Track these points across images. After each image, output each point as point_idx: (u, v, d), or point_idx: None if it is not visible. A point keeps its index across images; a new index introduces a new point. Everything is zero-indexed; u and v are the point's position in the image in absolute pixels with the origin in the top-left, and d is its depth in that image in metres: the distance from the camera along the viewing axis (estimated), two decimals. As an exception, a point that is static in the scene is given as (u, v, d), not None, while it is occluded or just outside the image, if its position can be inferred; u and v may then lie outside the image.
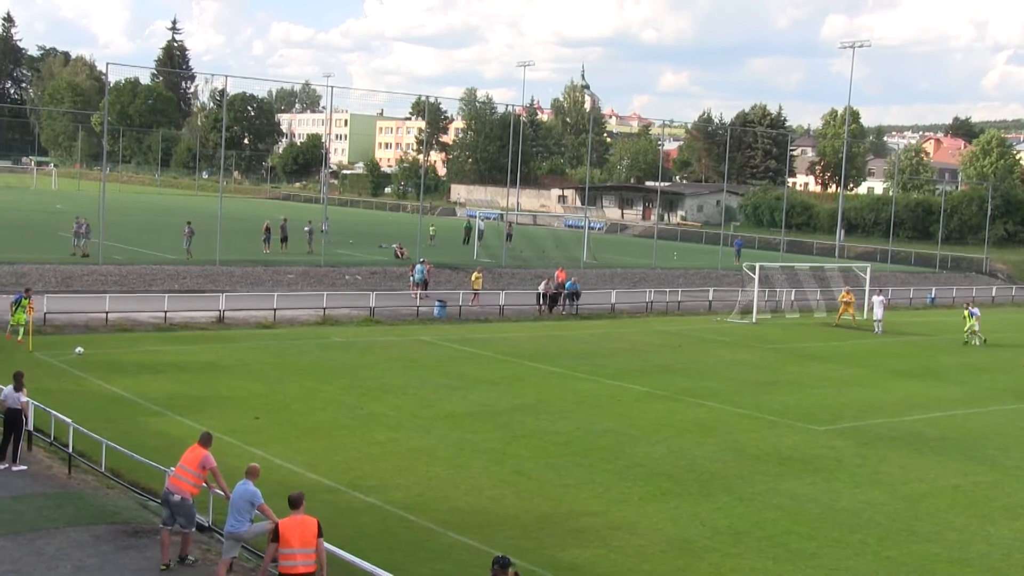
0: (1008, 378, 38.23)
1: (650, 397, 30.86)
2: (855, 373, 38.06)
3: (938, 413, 31.10)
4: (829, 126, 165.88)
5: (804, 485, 22.14)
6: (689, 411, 29.23)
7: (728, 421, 28.20)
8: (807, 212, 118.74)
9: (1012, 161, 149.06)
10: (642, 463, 23.22)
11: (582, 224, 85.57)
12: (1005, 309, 67.36)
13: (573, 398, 30.19)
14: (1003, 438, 28.27)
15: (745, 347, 43.02)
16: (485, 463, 22.46)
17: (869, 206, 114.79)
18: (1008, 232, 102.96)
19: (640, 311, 52.73)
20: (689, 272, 68.80)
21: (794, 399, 31.89)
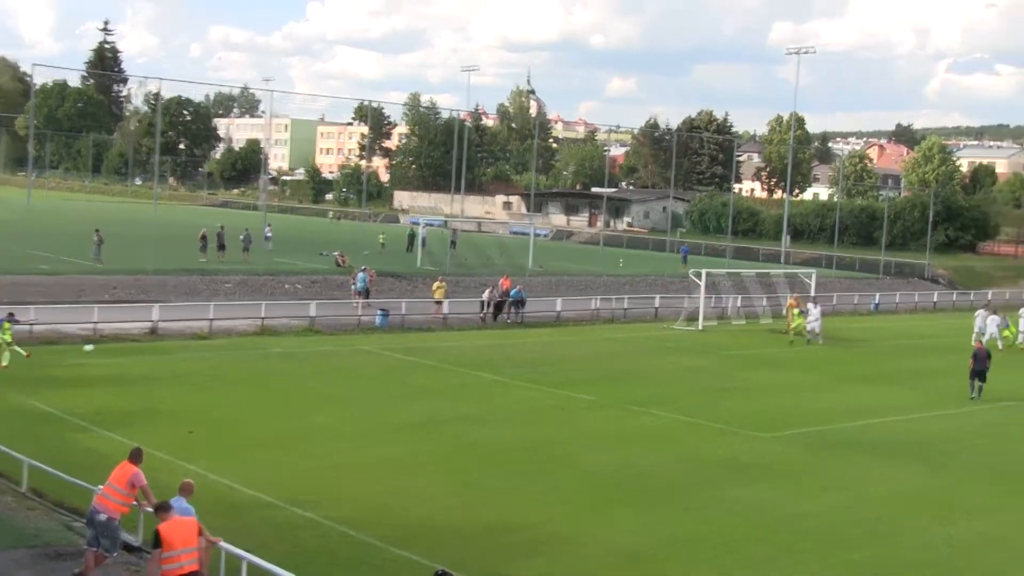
0: (955, 382, 38.56)
1: (597, 406, 30.71)
2: (804, 379, 38.21)
3: (888, 418, 31.27)
4: (775, 132, 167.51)
5: (754, 492, 22.07)
6: (637, 420, 29.11)
7: (676, 429, 28.11)
8: (753, 218, 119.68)
9: (952, 168, 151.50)
10: (589, 473, 23.02)
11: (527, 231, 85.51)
12: (947, 314, 68.21)
13: (519, 407, 29.95)
14: (954, 442, 28.46)
15: (692, 354, 43.05)
16: (429, 475, 22.14)
17: (814, 212, 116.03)
18: (949, 238, 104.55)
19: (586, 319, 52.64)
20: (636, 279, 68.93)
21: (743, 406, 31.90)
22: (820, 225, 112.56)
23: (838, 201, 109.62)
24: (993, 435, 29.98)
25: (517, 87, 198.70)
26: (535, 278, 63.34)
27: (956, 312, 70.12)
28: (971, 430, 30.51)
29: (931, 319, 63.58)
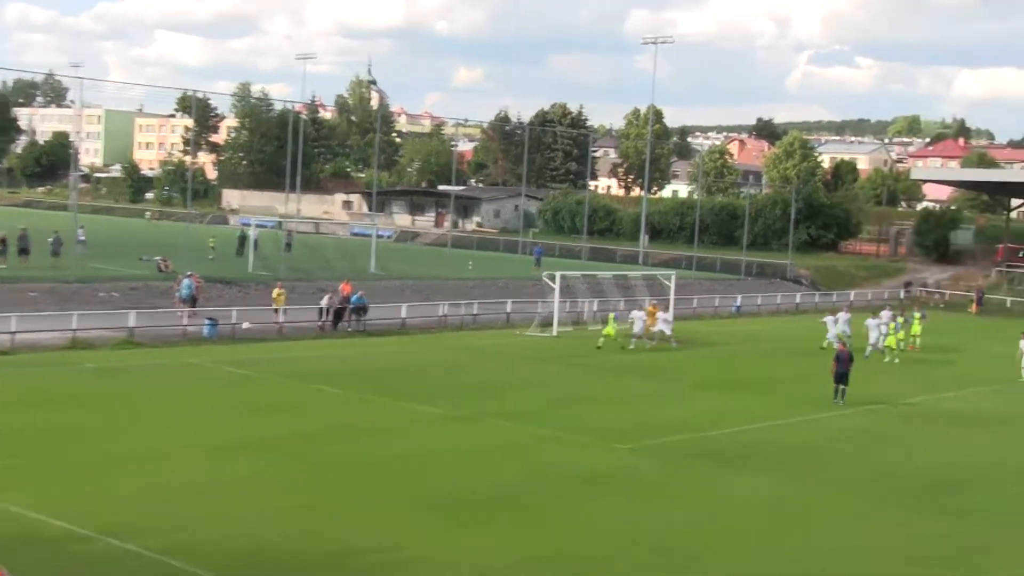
0: (818, 386, 39.91)
1: (446, 419, 30.80)
2: (662, 387, 39.04)
3: (747, 426, 32.18)
4: (632, 126, 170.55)
5: (613, 507, 22.47)
6: (488, 433, 29.30)
7: (529, 442, 28.40)
8: (610, 217, 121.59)
9: (814, 164, 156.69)
10: (439, 491, 23.10)
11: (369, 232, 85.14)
12: (810, 316, 70.47)
13: (363, 423, 29.83)
14: (812, 449, 29.47)
15: (546, 362, 43.54)
16: (265, 498, 21.88)
17: (674, 210, 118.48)
18: (811, 237, 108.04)
19: (433, 326, 52.71)
20: (486, 283, 69.30)
21: (599, 416, 32.42)
22: (680, 224, 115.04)
23: (698, 199, 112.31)
24: (856, 441, 31.15)
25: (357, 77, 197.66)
26: (378, 283, 63.11)
27: (819, 313, 72.33)
28: (834, 436, 31.64)
29: (794, 321, 65.66)
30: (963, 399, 40.04)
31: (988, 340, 59.21)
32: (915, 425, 34.23)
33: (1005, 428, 34.70)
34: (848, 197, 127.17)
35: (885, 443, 31.15)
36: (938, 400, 39.50)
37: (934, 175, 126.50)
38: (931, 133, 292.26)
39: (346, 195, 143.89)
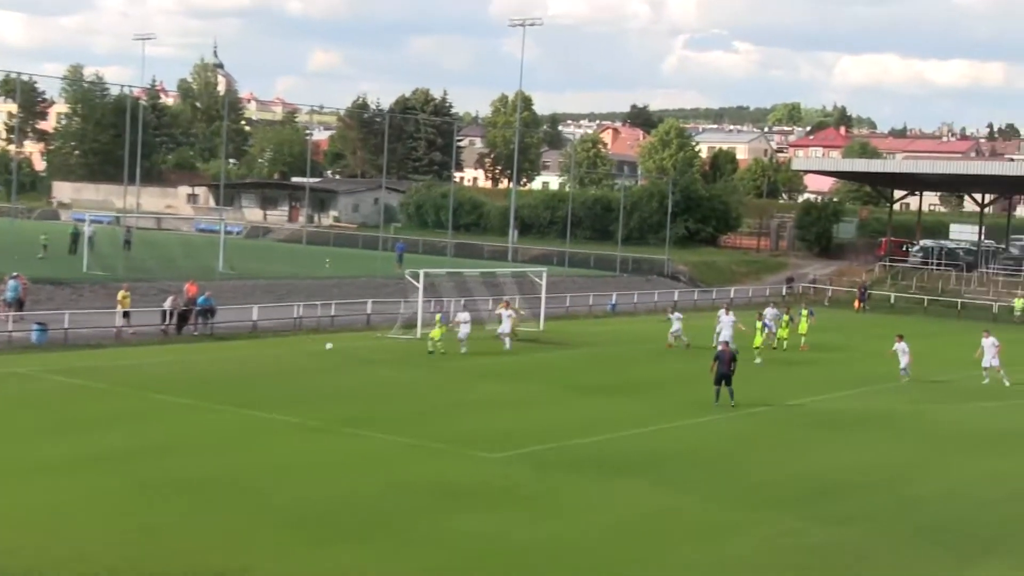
0: (699, 389, 40.59)
1: (302, 429, 30.55)
2: (533, 391, 39.27)
3: (622, 432, 32.54)
4: (500, 113, 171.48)
5: (479, 521, 22.50)
6: (347, 443, 29.14)
7: (391, 452, 28.32)
8: (477, 211, 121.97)
9: (692, 154, 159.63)
10: (294, 507, 22.88)
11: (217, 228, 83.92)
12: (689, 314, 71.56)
13: (210, 435, 29.44)
14: (690, 456, 29.92)
15: (409, 366, 43.47)
16: (101, 521, 21.39)
17: (544, 203, 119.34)
18: (689, 231, 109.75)
19: (288, 328, 52.25)
20: (344, 282, 68.89)
21: (466, 423, 32.47)
22: (551, 218, 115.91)
23: (570, 191, 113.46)
24: (736, 446, 31.72)
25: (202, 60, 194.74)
26: (227, 282, 62.27)
27: (698, 312, 73.69)
28: (713, 441, 32.19)
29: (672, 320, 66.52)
30: (846, 400, 41.07)
31: (872, 339, 60.88)
32: (797, 428, 35.01)
33: (888, 429, 35.68)
34: (727, 189, 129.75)
35: (766, 447, 31.78)
36: (820, 402, 40.47)
37: (815, 165, 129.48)
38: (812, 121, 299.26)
39: (191, 188, 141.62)
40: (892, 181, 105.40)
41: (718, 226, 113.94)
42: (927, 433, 35.28)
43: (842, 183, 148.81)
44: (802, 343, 54.88)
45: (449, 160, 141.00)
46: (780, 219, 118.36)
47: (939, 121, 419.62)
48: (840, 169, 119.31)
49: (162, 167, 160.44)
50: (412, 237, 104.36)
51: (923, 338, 62.33)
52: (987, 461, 31.55)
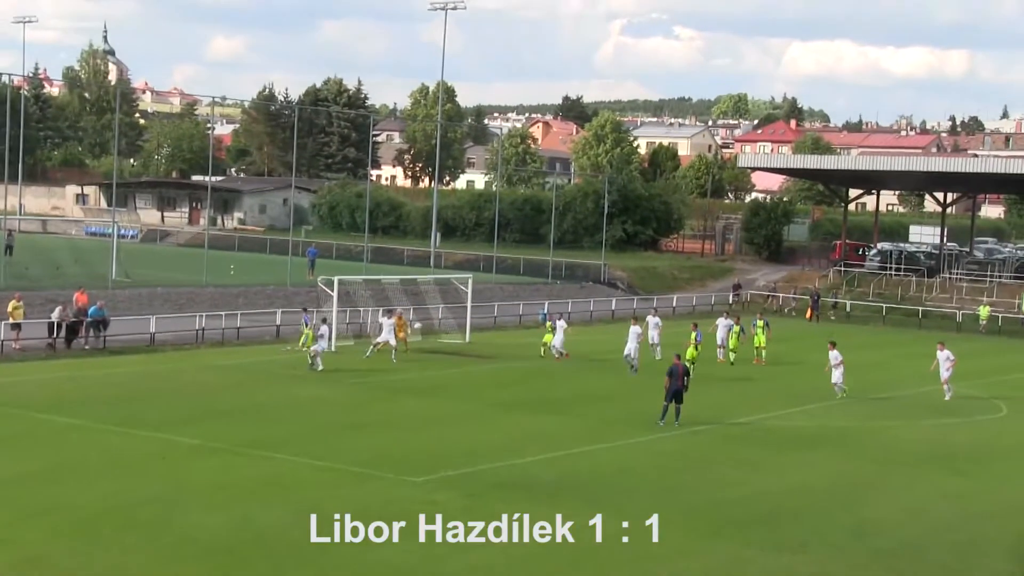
0: (632, 405, 40.96)
1: (204, 451, 30.46)
2: (458, 408, 39.42)
3: (556, 452, 32.75)
4: (420, 106, 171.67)
5: (399, 552, 22.54)
6: (254, 467, 29.09)
7: (303, 476, 28.31)
8: (395, 212, 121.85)
9: (629, 149, 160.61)
10: (196, 538, 22.84)
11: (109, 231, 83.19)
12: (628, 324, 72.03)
13: (102, 459, 29.30)
14: (628, 477, 30.16)
15: (323, 382, 43.44)
16: (-20, 553, 21.23)
17: (469, 204, 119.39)
18: (627, 233, 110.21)
19: (188, 342, 51.97)
20: (251, 290, 68.59)
21: (386, 444, 32.54)
22: (476, 220, 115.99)
23: (496, 190, 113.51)
24: (682, 466, 32.04)
25: (91, 45, 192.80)
26: (121, 291, 61.81)
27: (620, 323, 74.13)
28: (656, 461, 32.50)
29: (610, 331, 66.81)
30: (798, 417, 41.62)
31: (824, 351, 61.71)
32: (745, 447, 35.40)
33: (843, 448, 36.19)
34: (668, 187, 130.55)
35: (712, 468, 32.11)
36: (770, 419, 40.96)
37: (763, 162, 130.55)
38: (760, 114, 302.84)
39: (80, 188, 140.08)
40: (847, 179, 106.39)
41: (659, 228, 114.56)
42: (883, 451, 35.86)
43: (793, 181, 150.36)
44: (756, 356, 55.23)
45: (365, 157, 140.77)
46: (726, 220, 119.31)
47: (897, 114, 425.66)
48: (790, 166, 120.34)
49: (47, 164, 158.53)
50: (325, 241, 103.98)
51: (880, 349, 63.39)
52: (946, 480, 32.20)
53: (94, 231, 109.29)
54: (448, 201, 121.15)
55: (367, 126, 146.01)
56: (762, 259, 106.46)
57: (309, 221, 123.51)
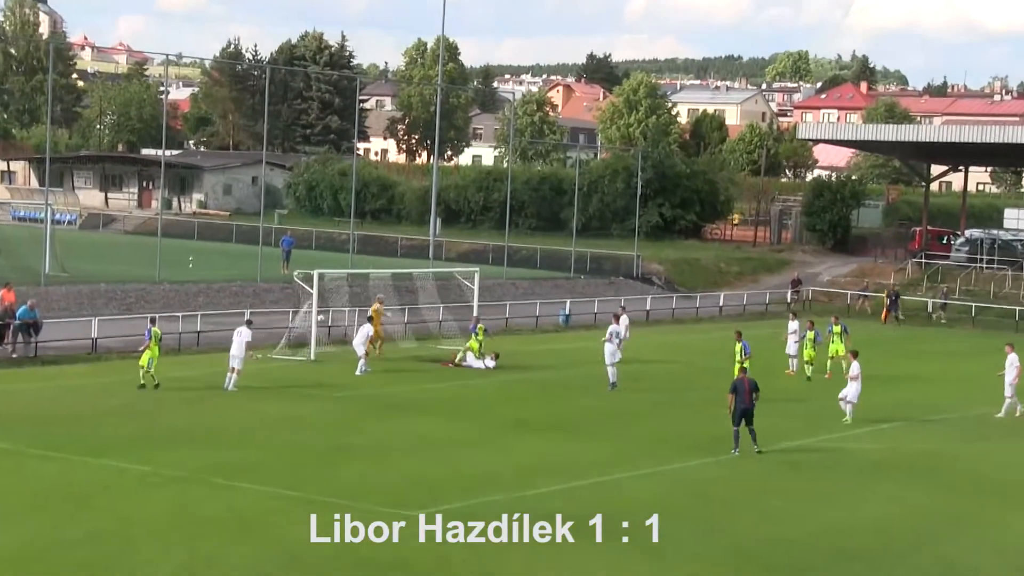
0: (661, 425, 40.95)
1: (156, 481, 30.52)
2: (461, 429, 39.42)
3: (577, 481, 32.68)
4: (416, 66, 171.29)
5: None
6: (217, 498, 29.12)
7: (274, 511, 28.34)
8: (387, 193, 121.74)
9: (667, 118, 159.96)
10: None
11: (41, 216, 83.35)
12: (666, 327, 72.06)
13: (33, 489, 29.41)
14: (663, 512, 30.02)
15: (299, 397, 43.55)
16: None
17: (475, 184, 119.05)
18: (665, 219, 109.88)
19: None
20: (213, 287, 68.66)
21: (374, 472, 32.55)
22: (484, 203, 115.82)
23: (508, 167, 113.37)
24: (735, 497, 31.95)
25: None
26: (56, 288, 61.91)
27: (678, 324, 74.21)
28: (693, 493, 32.38)
29: (645, 335, 66.74)
30: (867, 438, 41.48)
31: (902, 358, 61.59)
32: (806, 475, 35.34)
33: (922, 476, 36.06)
34: (714, 163, 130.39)
35: (767, 500, 31.97)
36: (835, 441, 40.85)
37: (828, 133, 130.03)
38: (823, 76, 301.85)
39: (5, 163, 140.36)
40: (929, 153, 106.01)
41: (702, 213, 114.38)
42: (972, 480, 35.73)
43: (863, 156, 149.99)
44: (830, 371, 53.66)
45: (350, 127, 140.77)
46: (783, 203, 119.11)
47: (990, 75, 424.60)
48: (860, 138, 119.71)
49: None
50: (303, 228, 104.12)
51: (969, 358, 63.04)
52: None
53: (23, 216, 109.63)
54: (450, 180, 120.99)
55: (352, 90, 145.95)
56: (826, 249, 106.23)
57: (283, 204, 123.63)
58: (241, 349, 44.89)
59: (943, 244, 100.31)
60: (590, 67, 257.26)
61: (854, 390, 43.47)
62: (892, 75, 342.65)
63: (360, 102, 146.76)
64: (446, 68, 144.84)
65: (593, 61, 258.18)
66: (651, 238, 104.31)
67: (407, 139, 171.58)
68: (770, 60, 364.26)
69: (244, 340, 45.04)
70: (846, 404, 43.60)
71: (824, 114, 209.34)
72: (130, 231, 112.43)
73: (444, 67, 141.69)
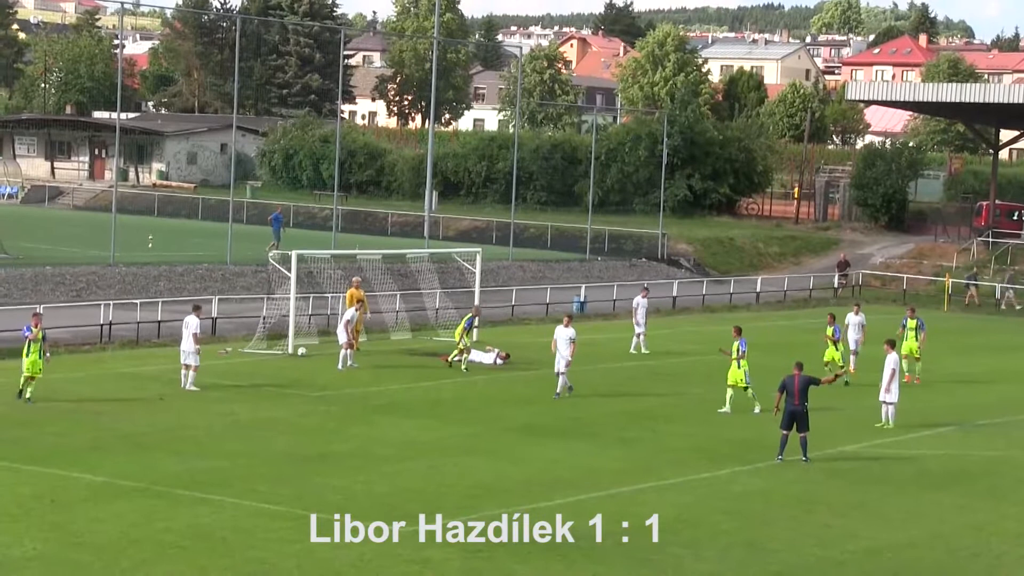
0: (691, 429, 40.99)
1: (111, 492, 30.56)
2: (460, 434, 39.45)
3: (594, 493, 32.66)
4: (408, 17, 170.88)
5: None
6: (182, 512, 29.15)
7: (249, 526, 28.38)
8: (376, 163, 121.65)
9: (697, 76, 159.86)
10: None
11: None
12: (696, 316, 71.98)
13: (-29, 502, 29.42)
14: (692, 527, 30.07)
15: (275, 397, 43.62)
16: None
17: (477, 152, 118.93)
18: (694, 192, 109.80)
19: (91, 340, 52.10)
20: (176, 270, 68.64)
21: (360, 482, 32.59)
22: (487, 174, 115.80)
23: (515, 132, 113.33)
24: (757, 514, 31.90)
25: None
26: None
27: (709, 313, 74.08)
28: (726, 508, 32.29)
29: (671, 325, 66.82)
30: (924, 444, 41.53)
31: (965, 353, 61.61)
32: (854, 485, 35.28)
33: (983, 487, 36.08)
34: (751, 129, 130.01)
35: (810, 515, 31.92)
36: (887, 447, 40.85)
37: (882, 93, 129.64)
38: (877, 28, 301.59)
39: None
40: (998, 116, 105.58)
41: (737, 185, 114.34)
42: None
43: (923, 120, 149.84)
44: (916, 373, 52.42)
45: (333, 87, 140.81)
46: (830, 174, 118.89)
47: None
48: (919, 98, 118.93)
49: None
50: (280, 202, 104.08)
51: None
52: None
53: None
54: (448, 148, 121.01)
55: (336, 44, 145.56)
56: (879, 227, 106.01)
57: (256, 175, 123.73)
58: (190, 343, 44.45)
59: (1014, 220, 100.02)
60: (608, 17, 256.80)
61: (895, 390, 43.10)
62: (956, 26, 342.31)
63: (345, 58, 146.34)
64: (443, 19, 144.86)
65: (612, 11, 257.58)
66: (678, 214, 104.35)
67: (398, 101, 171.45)
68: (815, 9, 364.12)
69: (192, 331, 44.43)
70: (889, 406, 43.43)
71: (877, 71, 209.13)
72: (80, 206, 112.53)
73: (441, 17, 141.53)
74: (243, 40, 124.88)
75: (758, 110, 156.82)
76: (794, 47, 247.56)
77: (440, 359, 52.20)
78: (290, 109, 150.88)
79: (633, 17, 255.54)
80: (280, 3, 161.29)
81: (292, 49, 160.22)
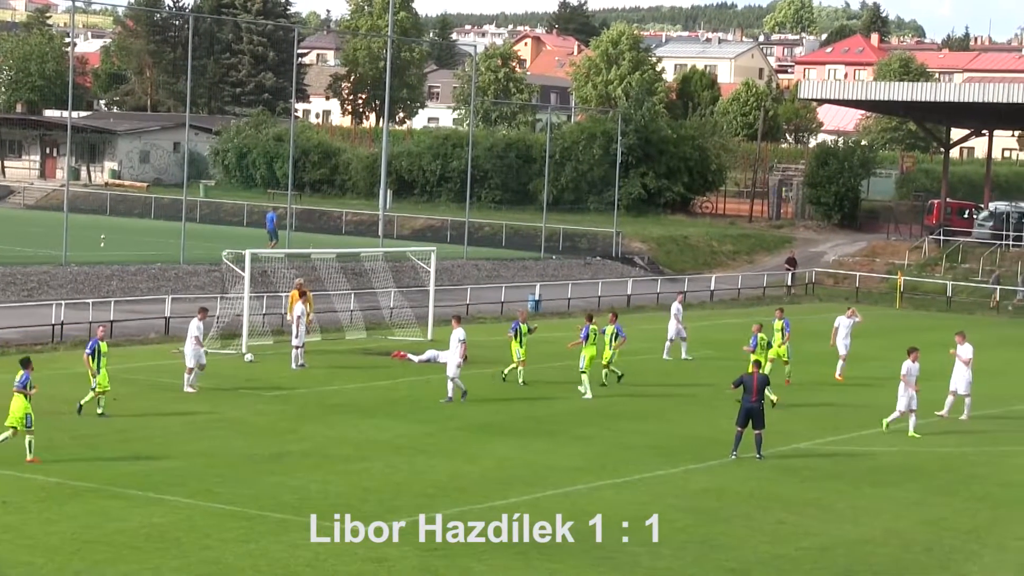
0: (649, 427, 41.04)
1: (64, 493, 30.45)
2: (416, 433, 39.40)
3: (550, 491, 32.76)
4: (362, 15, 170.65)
5: None
6: (136, 513, 29.03)
7: (204, 526, 28.29)
8: (330, 162, 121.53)
9: (652, 75, 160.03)
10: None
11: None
12: (649, 315, 72.03)
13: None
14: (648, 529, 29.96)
15: (230, 396, 43.49)
16: None
17: (432, 151, 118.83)
18: (648, 191, 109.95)
19: (42, 340, 51.84)
20: (129, 269, 68.39)
21: (316, 482, 32.53)
22: (442, 172, 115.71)
23: (470, 131, 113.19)
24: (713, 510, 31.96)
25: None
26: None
27: (663, 311, 73.88)
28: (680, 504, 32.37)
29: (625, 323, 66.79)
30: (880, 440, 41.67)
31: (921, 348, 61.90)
32: (810, 482, 35.47)
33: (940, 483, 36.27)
34: (705, 127, 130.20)
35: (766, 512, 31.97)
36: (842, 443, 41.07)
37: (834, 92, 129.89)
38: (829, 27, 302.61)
39: None
40: (948, 115, 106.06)
41: (691, 183, 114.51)
42: (998, 488, 35.95)
43: (875, 118, 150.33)
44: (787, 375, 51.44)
45: (287, 85, 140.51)
46: (783, 173, 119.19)
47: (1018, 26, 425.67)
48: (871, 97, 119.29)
49: None
50: (231, 202, 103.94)
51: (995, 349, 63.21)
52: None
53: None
54: (403, 147, 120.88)
55: (289, 42, 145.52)
56: (832, 225, 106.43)
57: (210, 174, 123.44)
58: (190, 344, 44.38)
59: (965, 218, 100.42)
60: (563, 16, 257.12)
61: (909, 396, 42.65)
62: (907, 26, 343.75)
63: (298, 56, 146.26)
64: (397, 17, 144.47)
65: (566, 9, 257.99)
66: (633, 213, 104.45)
67: (352, 99, 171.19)
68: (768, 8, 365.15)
69: (192, 334, 44.26)
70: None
71: (830, 70, 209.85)
72: (31, 205, 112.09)
73: (395, 16, 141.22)
74: (196, 38, 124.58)
75: (712, 109, 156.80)
76: (747, 46, 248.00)
77: (394, 356, 52.23)
78: (244, 108, 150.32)
79: (587, 16, 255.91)
80: (233, 1, 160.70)
81: (245, 47, 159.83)
